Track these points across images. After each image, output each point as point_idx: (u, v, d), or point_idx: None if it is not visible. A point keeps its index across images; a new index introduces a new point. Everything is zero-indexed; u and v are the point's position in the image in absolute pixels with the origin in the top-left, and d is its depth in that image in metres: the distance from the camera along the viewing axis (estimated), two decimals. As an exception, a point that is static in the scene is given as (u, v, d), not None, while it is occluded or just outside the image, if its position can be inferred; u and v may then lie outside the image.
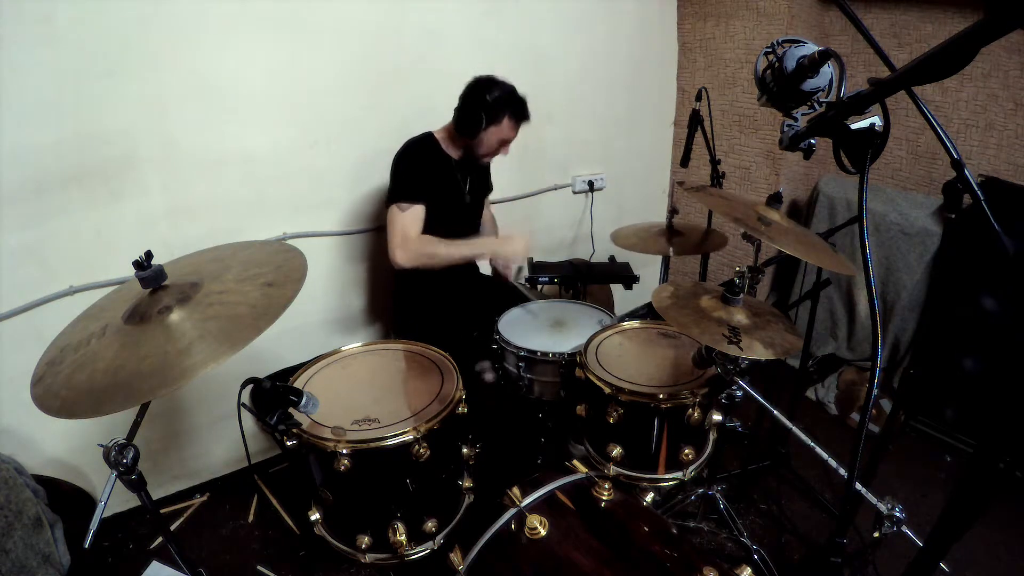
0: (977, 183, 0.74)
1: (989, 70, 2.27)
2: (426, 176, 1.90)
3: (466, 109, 1.86)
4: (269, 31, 1.90)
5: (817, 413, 2.62)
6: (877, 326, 0.82)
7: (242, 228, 2.02)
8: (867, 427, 0.97)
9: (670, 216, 2.07)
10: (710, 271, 2.83)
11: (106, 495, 0.90)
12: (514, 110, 1.88)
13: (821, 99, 0.96)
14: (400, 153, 1.92)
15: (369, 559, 1.33)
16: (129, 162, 1.78)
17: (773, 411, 1.31)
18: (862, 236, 0.83)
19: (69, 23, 1.59)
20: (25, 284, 1.71)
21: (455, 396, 1.36)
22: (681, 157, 2.21)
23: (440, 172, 1.96)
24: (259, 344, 0.90)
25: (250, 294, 1.00)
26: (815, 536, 1.96)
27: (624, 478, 1.52)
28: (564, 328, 1.85)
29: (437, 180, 1.93)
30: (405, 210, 1.84)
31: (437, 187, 1.92)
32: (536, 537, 1.10)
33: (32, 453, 1.79)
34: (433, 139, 1.98)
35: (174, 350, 0.89)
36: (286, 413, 1.14)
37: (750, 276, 1.68)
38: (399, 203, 1.85)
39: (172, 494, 2.16)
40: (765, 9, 2.63)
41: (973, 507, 0.73)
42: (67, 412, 0.84)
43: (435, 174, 1.94)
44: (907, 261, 2.48)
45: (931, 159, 2.55)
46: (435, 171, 1.94)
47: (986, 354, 2.19)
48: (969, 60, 0.66)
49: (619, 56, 2.83)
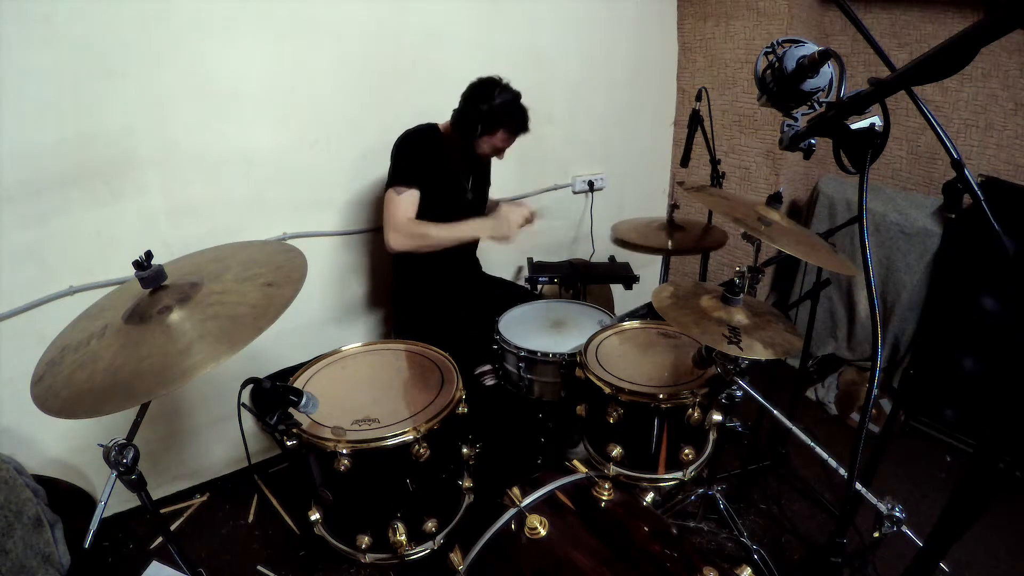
0: (977, 183, 0.75)
1: (989, 70, 2.27)
2: (424, 163, 1.89)
3: (464, 113, 1.86)
4: (269, 31, 1.90)
5: (817, 413, 2.62)
6: (877, 326, 0.82)
7: (242, 228, 2.02)
8: (867, 427, 0.97)
9: (670, 210, 2.07)
10: (710, 271, 2.83)
11: (106, 495, 0.90)
12: (510, 123, 1.85)
13: (821, 99, 0.96)
14: (401, 139, 1.91)
15: (369, 559, 1.33)
16: (129, 162, 1.78)
17: (773, 411, 1.31)
18: (862, 236, 0.83)
19: (69, 23, 1.58)
20: (25, 284, 1.70)
21: (455, 396, 1.36)
22: (681, 157, 2.21)
23: (440, 163, 1.94)
24: (259, 344, 0.90)
25: (250, 294, 1.00)
26: (815, 536, 1.96)
27: (624, 478, 1.52)
28: (564, 328, 1.85)
29: (436, 170, 1.91)
30: (401, 193, 1.84)
31: (436, 177, 1.90)
32: (536, 537, 1.10)
33: (32, 453, 1.79)
34: (437, 130, 1.97)
35: (174, 350, 0.89)
36: (286, 413, 1.14)
37: (750, 276, 1.68)
38: (395, 187, 1.85)
39: (172, 494, 2.16)
40: (765, 9, 2.63)
41: (973, 507, 0.73)
42: (67, 412, 0.84)
43: (435, 163, 1.92)
44: (907, 261, 2.48)
45: (931, 159, 2.55)
46: (435, 161, 1.92)
47: (986, 354, 2.19)
48: (969, 60, 0.66)
49: (619, 56, 2.83)
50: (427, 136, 1.93)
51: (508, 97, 1.84)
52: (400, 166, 1.88)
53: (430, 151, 1.92)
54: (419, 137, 1.92)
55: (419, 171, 1.87)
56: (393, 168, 1.90)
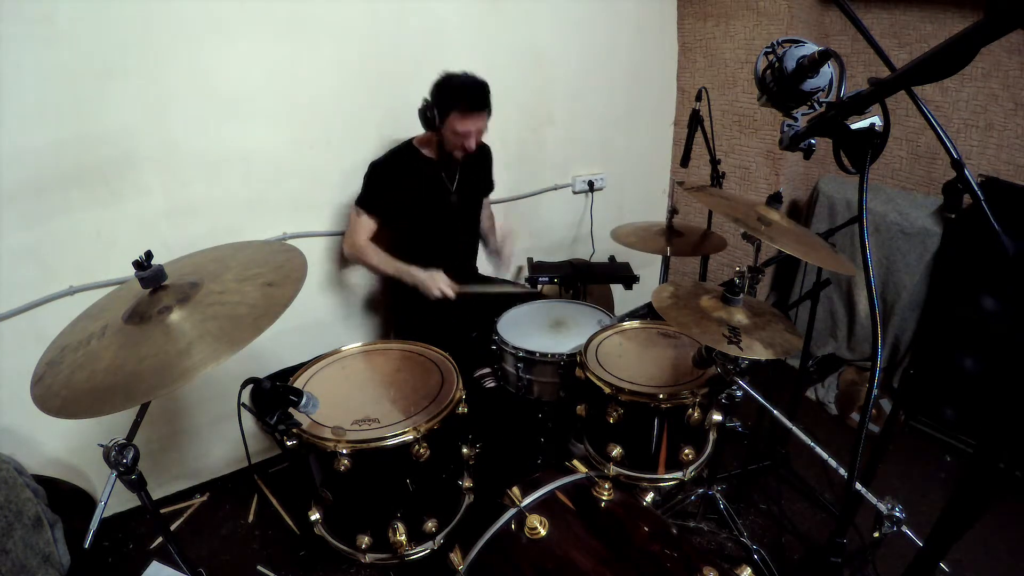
0: (977, 183, 0.74)
1: (989, 70, 2.27)
2: (389, 191, 1.97)
3: (422, 109, 1.89)
4: (269, 31, 1.90)
5: (817, 413, 2.62)
6: (877, 326, 0.81)
7: (242, 228, 2.02)
8: (867, 427, 0.97)
9: (670, 216, 2.07)
10: (710, 271, 2.84)
11: (106, 495, 0.90)
12: (458, 103, 1.81)
13: (821, 99, 0.96)
14: (373, 164, 2.00)
15: (369, 559, 1.33)
16: (129, 162, 1.78)
17: (773, 411, 1.30)
18: (862, 236, 0.83)
19: (69, 23, 1.58)
20: (25, 284, 1.71)
21: (455, 396, 1.36)
22: (681, 157, 2.21)
23: (416, 178, 2.00)
24: (259, 344, 0.90)
25: (250, 294, 1.00)
26: (815, 536, 1.96)
27: (624, 478, 1.52)
28: (564, 328, 1.85)
29: (411, 188, 1.99)
30: (360, 215, 2.00)
31: (408, 192, 1.98)
32: (536, 537, 1.10)
33: (32, 453, 1.79)
34: (411, 146, 2.03)
35: (174, 350, 0.89)
36: (286, 413, 1.14)
37: (750, 276, 1.68)
38: (358, 207, 2.00)
39: (172, 494, 2.16)
40: (765, 9, 2.63)
41: (973, 507, 0.73)
42: (67, 412, 0.84)
43: (409, 183, 1.99)
44: (907, 261, 2.48)
45: (931, 159, 2.55)
46: (409, 180, 1.99)
47: (986, 354, 2.19)
48: (969, 60, 0.66)
49: (619, 56, 2.83)
50: (400, 158, 2.01)
51: (458, 81, 1.83)
52: (366, 193, 2.01)
53: (402, 173, 2.00)
54: (391, 164, 2.00)
55: (381, 201, 1.99)
56: (362, 191, 2.02)
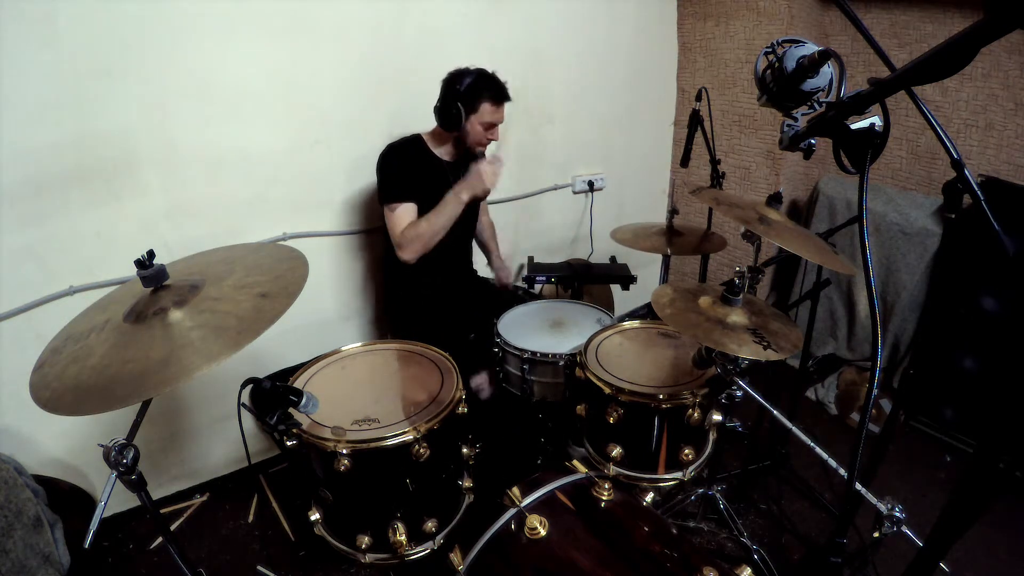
0: (977, 183, 0.74)
1: (989, 70, 2.27)
2: (412, 174, 1.90)
3: (444, 103, 1.86)
4: (269, 31, 1.89)
5: (817, 413, 2.62)
6: (877, 326, 0.81)
7: (242, 228, 2.02)
8: (867, 427, 0.97)
9: (670, 216, 2.07)
10: (710, 271, 2.83)
11: (106, 495, 0.89)
12: (490, 91, 1.85)
13: (821, 99, 0.96)
14: (383, 154, 1.92)
15: (369, 559, 1.33)
16: (129, 162, 1.78)
17: (773, 411, 1.30)
18: (862, 236, 0.83)
19: (69, 23, 1.58)
20: (25, 284, 1.71)
21: (455, 396, 1.36)
22: (681, 157, 2.21)
23: (428, 172, 1.96)
24: (259, 344, 0.89)
25: (242, 304, 0.98)
26: (815, 536, 1.96)
27: (624, 478, 1.52)
28: (563, 328, 1.85)
29: (425, 179, 1.93)
30: (395, 210, 1.88)
31: (425, 186, 1.91)
32: (536, 537, 1.10)
33: (32, 453, 1.79)
34: (420, 140, 1.99)
35: (157, 355, 0.88)
36: (286, 413, 1.14)
37: (750, 276, 1.68)
38: (388, 204, 1.89)
39: (172, 494, 2.16)
40: (765, 9, 2.63)
41: (973, 507, 0.73)
42: (52, 407, 0.84)
43: (422, 173, 1.93)
44: (907, 261, 2.48)
45: (931, 159, 2.55)
46: (422, 170, 1.94)
47: (985, 354, 2.19)
48: (969, 60, 0.66)
49: (619, 56, 2.83)
50: (411, 147, 1.96)
51: (477, 73, 1.86)
52: (387, 182, 1.90)
53: (416, 161, 1.94)
54: (403, 150, 1.94)
55: (407, 182, 1.89)
56: (381, 186, 1.92)
